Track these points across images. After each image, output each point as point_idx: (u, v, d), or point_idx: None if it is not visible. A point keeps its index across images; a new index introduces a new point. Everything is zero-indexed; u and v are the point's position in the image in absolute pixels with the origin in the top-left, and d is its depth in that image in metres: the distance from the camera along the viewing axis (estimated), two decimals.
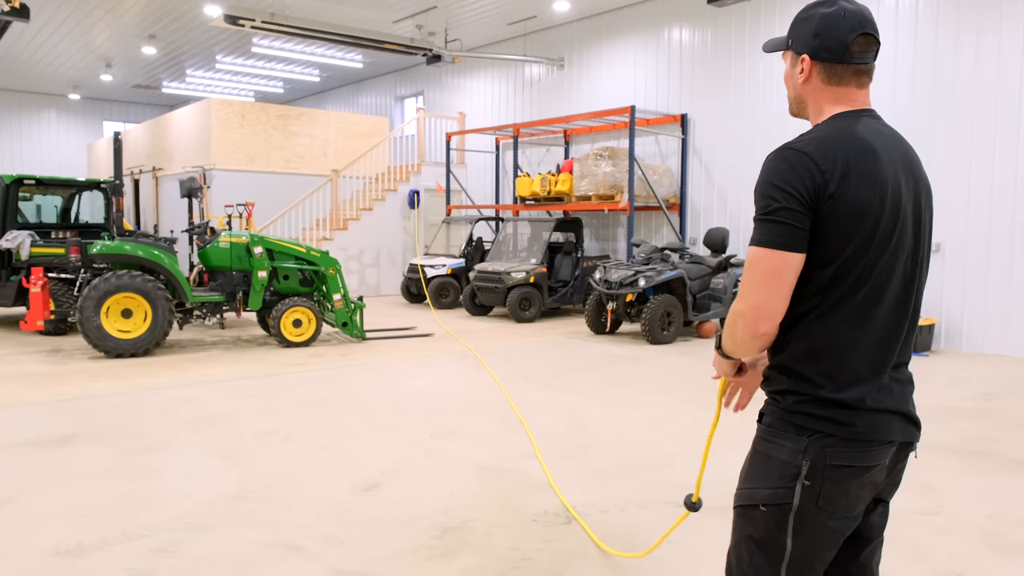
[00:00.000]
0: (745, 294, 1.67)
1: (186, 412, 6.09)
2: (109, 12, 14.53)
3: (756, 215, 1.68)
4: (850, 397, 1.67)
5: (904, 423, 1.74)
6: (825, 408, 1.67)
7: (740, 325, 1.69)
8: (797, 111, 1.90)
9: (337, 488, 4.36)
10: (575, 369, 8.04)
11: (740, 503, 1.79)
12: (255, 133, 15.69)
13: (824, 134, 1.69)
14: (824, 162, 1.63)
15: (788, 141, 1.71)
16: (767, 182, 1.66)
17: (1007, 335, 9.21)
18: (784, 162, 1.65)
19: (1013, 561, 3.47)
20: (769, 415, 1.78)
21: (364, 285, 15.54)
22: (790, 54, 1.84)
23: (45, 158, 23.64)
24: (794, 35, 1.82)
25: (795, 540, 1.69)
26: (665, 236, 13.11)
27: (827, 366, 1.68)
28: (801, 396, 1.70)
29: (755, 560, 1.75)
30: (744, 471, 1.81)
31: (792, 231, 1.62)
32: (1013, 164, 9.08)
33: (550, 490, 4.34)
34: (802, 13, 1.81)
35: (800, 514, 1.68)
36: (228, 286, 9.27)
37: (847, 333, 1.67)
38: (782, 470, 1.69)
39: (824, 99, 1.79)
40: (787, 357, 1.73)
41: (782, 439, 1.71)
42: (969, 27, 9.38)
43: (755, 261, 1.66)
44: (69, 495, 4.22)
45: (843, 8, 1.73)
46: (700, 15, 12.32)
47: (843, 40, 1.72)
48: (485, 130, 15.18)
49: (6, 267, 10.20)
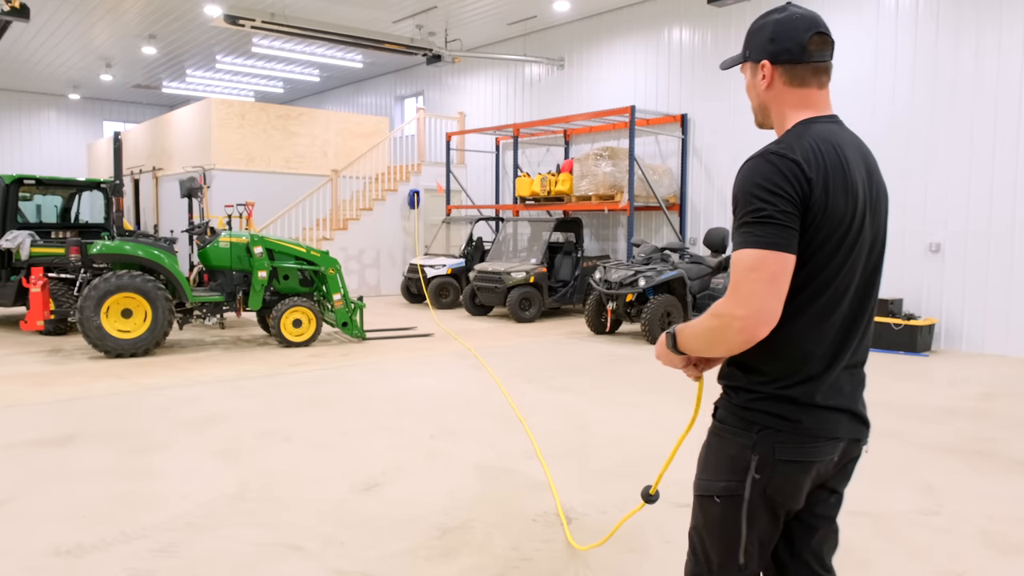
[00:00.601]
0: (744, 298, 1.63)
1: (186, 412, 6.09)
2: (109, 12, 14.53)
3: (745, 219, 1.65)
4: (800, 393, 1.72)
5: (852, 421, 1.79)
6: (775, 404, 1.72)
7: (736, 329, 1.65)
8: (762, 120, 1.90)
9: (337, 488, 4.36)
10: (575, 369, 8.04)
11: (697, 493, 1.87)
12: (255, 133, 15.69)
13: (802, 142, 1.69)
14: (810, 169, 1.65)
15: (768, 147, 1.69)
16: (756, 185, 1.65)
17: (1007, 335, 9.21)
18: (772, 166, 1.65)
19: (1013, 561, 3.47)
20: (722, 409, 1.83)
21: (364, 285, 15.54)
22: (749, 65, 1.86)
23: (45, 158, 23.64)
24: (750, 45, 1.84)
25: (749, 528, 1.77)
26: (665, 236, 13.12)
27: (785, 365, 1.73)
28: (754, 393, 1.75)
29: (714, 545, 1.83)
30: (700, 462, 1.89)
31: (789, 233, 1.63)
32: (1013, 164, 9.08)
33: (550, 490, 4.34)
34: (755, 24, 1.84)
35: (752, 505, 1.75)
36: (228, 286, 9.27)
37: (809, 334, 1.72)
38: (733, 464, 1.77)
39: (788, 103, 1.80)
40: (749, 355, 1.74)
41: (732, 434, 1.78)
42: (969, 27, 9.39)
43: (756, 264, 1.62)
44: (69, 495, 4.22)
45: (794, 12, 1.78)
46: (700, 15, 12.32)
47: (800, 40, 1.75)
48: (485, 130, 15.18)
49: (6, 267, 10.20)
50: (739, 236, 1.67)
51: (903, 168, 10.03)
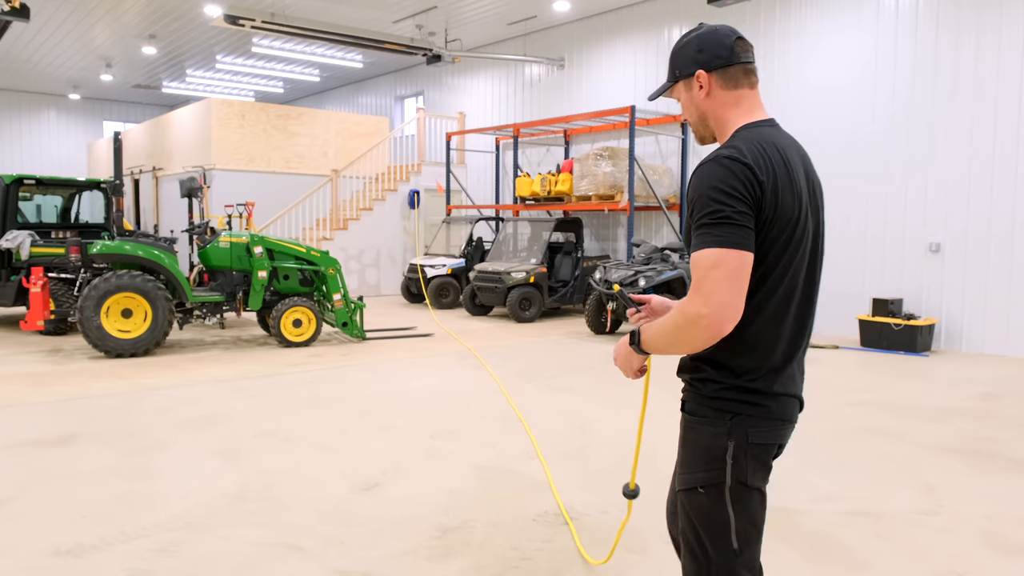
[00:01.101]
0: (707, 296, 1.68)
1: (186, 412, 6.09)
2: (109, 12, 14.53)
3: (703, 220, 1.72)
4: (764, 386, 1.84)
5: (798, 405, 1.94)
6: (743, 393, 1.83)
7: (701, 327, 1.69)
8: (703, 134, 1.99)
9: (337, 488, 4.36)
10: (575, 369, 8.04)
11: (682, 487, 1.93)
12: (255, 133, 15.69)
13: (750, 146, 1.77)
14: (760, 173, 1.74)
15: (720, 151, 1.78)
16: (713, 187, 1.72)
17: (1007, 335, 9.21)
18: (726, 170, 1.73)
19: (1013, 561, 3.47)
20: (691, 402, 1.92)
21: (364, 285, 15.54)
22: (681, 84, 1.96)
23: (45, 158, 23.64)
24: (678, 65, 1.95)
25: (736, 512, 1.86)
26: (665, 236, 13.12)
27: (749, 359, 1.83)
28: (721, 384, 1.84)
29: (708, 536, 1.89)
30: (680, 459, 1.96)
31: (746, 232, 1.71)
32: (1013, 164, 9.08)
33: (550, 490, 4.34)
34: (677, 46, 1.97)
35: (734, 489, 1.84)
36: (228, 286, 9.27)
37: (768, 330, 1.82)
38: (710, 453, 1.85)
39: (726, 106, 1.90)
40: (715, 351, 1.83)
41: (706, 424, 1.86)
42: (969, 27, 9.39)
43: (717, 262, 1.67)
44: (69, 495, 4.22)
45: (711, 25, 1.94)
46: (700, 15, 12.31)
47: (726, 44, 1.88)
48: (485, 130, 15.18)
49: (6, 267, 10.20)
50: (698, 237, 1.73)
51: (903, 168, 10.03)
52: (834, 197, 10.66)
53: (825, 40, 10.82)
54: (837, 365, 8.49)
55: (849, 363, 8.66)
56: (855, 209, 10.53)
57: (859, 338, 9.80)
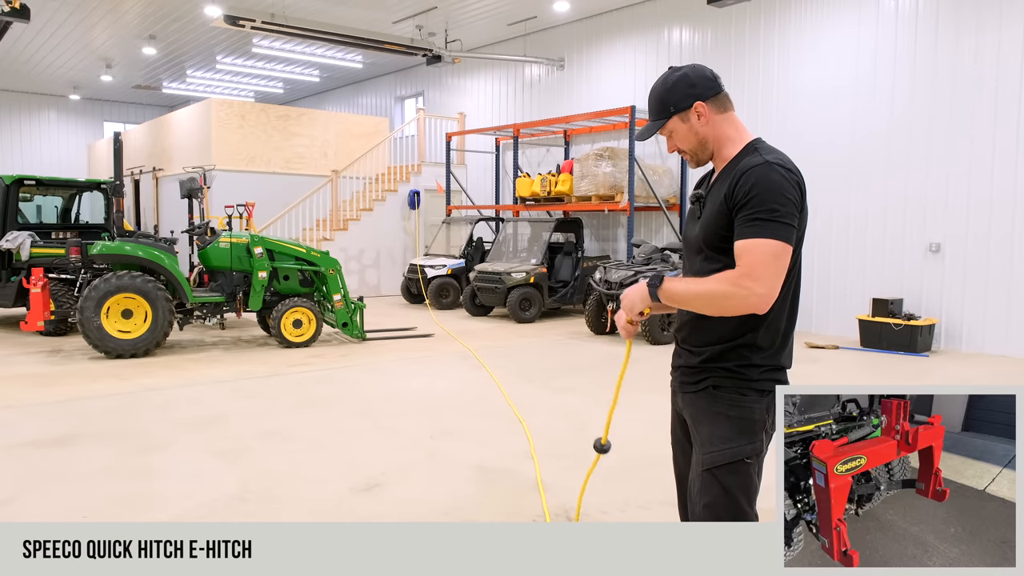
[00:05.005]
0: (763, 279, 1.94)
1: (186, 412, 6.09)
2: (109, 12, 14.53)
3: (761, 215, 1.97)
4: (783, 360, 2.15)
5: None
6: (774, 372, 2.12)
7: (751, 304, 1.95)
8: (702, 156, 2.21)
9: (337, 488, 4.36)
10: (575, 369, 8.04)
11: (726, 461, 2.10)
12: (255, 133, 15.70)
13: (790, 162, 2.06)
14: (802, 184, 2.06)
15: (773, 159, 2.03)
16: (776, 191, 1.98)
17: (1007, 335, 9.20)
18: (784, 178, 2.01)
19: None
20: (732, 390, 2.11)
21: (364, 285, 15.53)
22: (676, 118, 2.17)
23: (45, 158, 23.62)
24: (673, 101, 2.17)
25: (758, 477, 2.13)
26: (665, 236, 13.11)
27: (776, 340, 2.12)
28: (760, 367, 2.10)
29: (745, 501, 2.10)
30: (714, 435, 2.12)
31: (794, 232, 2.01)
32: (1013, 165, 9.08)
33: (550, 490, 4.34)
34: (664, 86, 2.19)
35: (761, 457, 2.12)
36: (228, 286, 9.27)
37: (788, 314, 2.14)
38: (755, 426, 2.09)
39: (724, 128, 2.17)
40: (750, 335, 2.09)
41: (751, 402, 2.09)
42: (969, 27, 9.38)
43: (779, 253, 1.95)
44: (69, 495, 4.22)
45: (688, 65, 2.23)
46: (700, 15, 12.31)
47: (710, 77, 2.19)
48: (485, 130, 15.18)
49: (6, 267, 10.20)
50: (754, 225, 1.97)
51: (903, 168, 10.03)
52: (834, 197, 10.66)
53: (825, 40, 10.82)
54: (837, 365, 8.49)
55: (849, 363, 8.66)
56: (855, 209, 10.53)
57: (859, 338, 9.80)
